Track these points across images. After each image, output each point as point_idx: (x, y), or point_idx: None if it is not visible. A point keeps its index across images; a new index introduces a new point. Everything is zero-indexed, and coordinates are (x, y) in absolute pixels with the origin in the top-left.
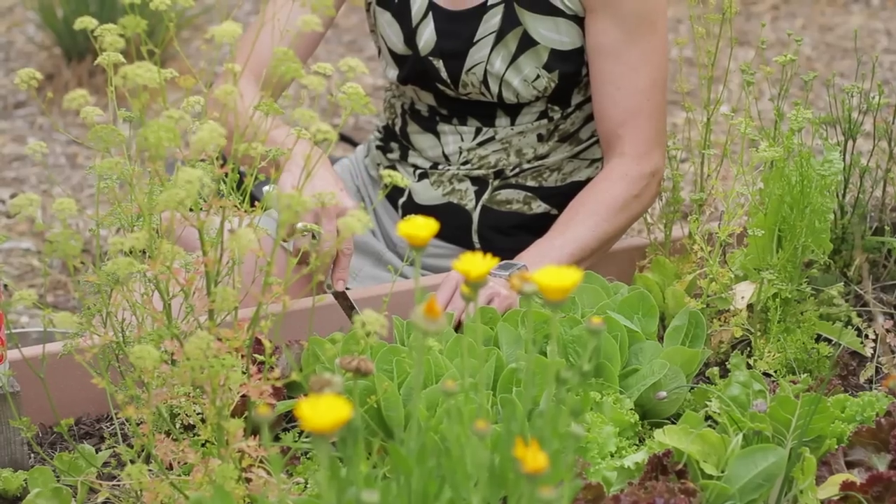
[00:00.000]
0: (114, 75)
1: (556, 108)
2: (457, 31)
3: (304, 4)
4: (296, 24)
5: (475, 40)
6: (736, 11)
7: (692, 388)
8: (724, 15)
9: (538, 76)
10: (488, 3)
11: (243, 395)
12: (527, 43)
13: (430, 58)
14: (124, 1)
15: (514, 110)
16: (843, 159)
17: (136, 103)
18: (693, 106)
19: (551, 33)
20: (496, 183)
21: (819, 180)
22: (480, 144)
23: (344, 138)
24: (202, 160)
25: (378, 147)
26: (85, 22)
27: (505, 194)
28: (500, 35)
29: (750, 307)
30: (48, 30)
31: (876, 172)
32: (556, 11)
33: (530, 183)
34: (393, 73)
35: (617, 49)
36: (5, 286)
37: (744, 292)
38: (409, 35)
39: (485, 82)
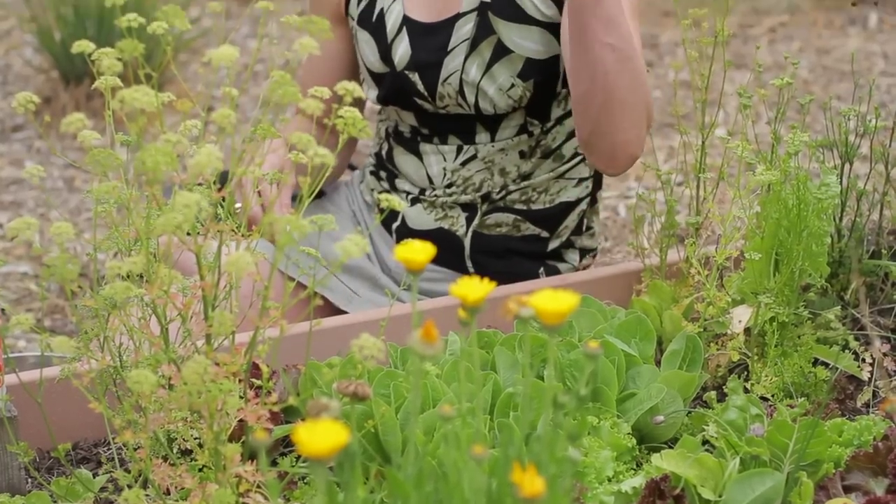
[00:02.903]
0: (111, 99)
1: (536, 122)
2: (431, 43)
3: (300, 29)
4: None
5: (449, 49)
6: (729, 34)
7: (689, 412)
8: (716, 38)
9: (513, 85)
10: (461, 12)
11: (241, 420)
12: (501, 51)
13: (406, 72)
14: (122, 24)
15: (492, 124)
16: (840, 183)
17: (133, 127)
18: (688, 129)
19: (525, 41)
20: (485, 207)
21: (816, 204)
22: (463, 164)
23: None
24: (199, 184)
25: (371, 173)
26: (82, 45)
27: (494, 218)
28: (475, 43)
29: (747, 331)
30: (46, 53)
31: (873, 196)
32: (529, 20)
33: (518, 206)
34: (373, 93)
35: None
36: (3, 310)
37: (741, 316)
38: (385, 51)
39: (461, 92)
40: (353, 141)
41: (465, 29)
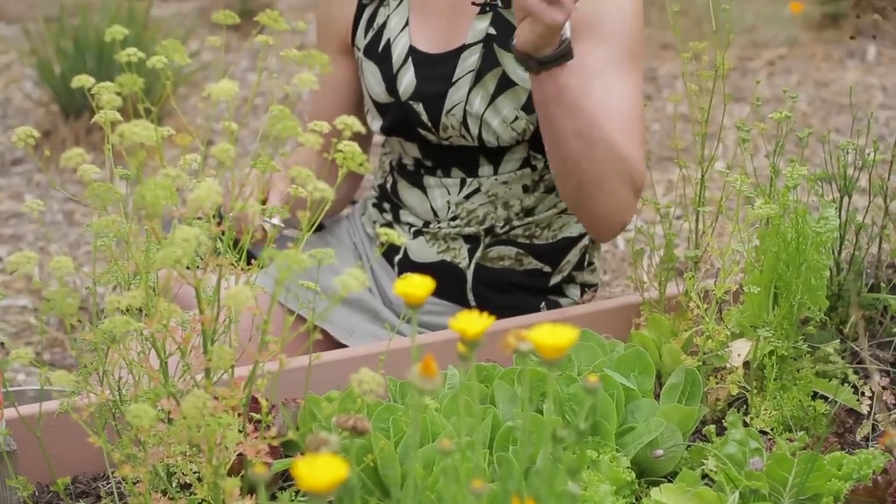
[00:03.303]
0: (111, 133)
1: (539, 155)
2: (436, 74)
3: (299, 63)
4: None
5: (454, 80)
6: (730, 67)
7: (689, 446)
8: (717, 72)
9: (517, 117)
10: (467, 44)
11: (240, 454)
12: (505, 83)
13: (411, 102)
14: (121, 59)
15: (495, 157)
16: (839, 216)
17: (133, 161)
18: (687, 162)
19: None
20: (488, 240)
21: (815, 237)
22: (467, 198)
23: None
24: (199, 218)
25: (374, 205)
26: (82, 80)
27: (497, 251)
28: (479, 75)
29: (746, 364)
30: (46, 87)
31: (872, 229)
32: None
33: (521, 240)
34: (377, 124)
35: (600, 69)
36: (2, 344)
37: (740, 350)
38: (391, 81)
39: (464, 123)
40: (356, 176)
41: (470, 60)
